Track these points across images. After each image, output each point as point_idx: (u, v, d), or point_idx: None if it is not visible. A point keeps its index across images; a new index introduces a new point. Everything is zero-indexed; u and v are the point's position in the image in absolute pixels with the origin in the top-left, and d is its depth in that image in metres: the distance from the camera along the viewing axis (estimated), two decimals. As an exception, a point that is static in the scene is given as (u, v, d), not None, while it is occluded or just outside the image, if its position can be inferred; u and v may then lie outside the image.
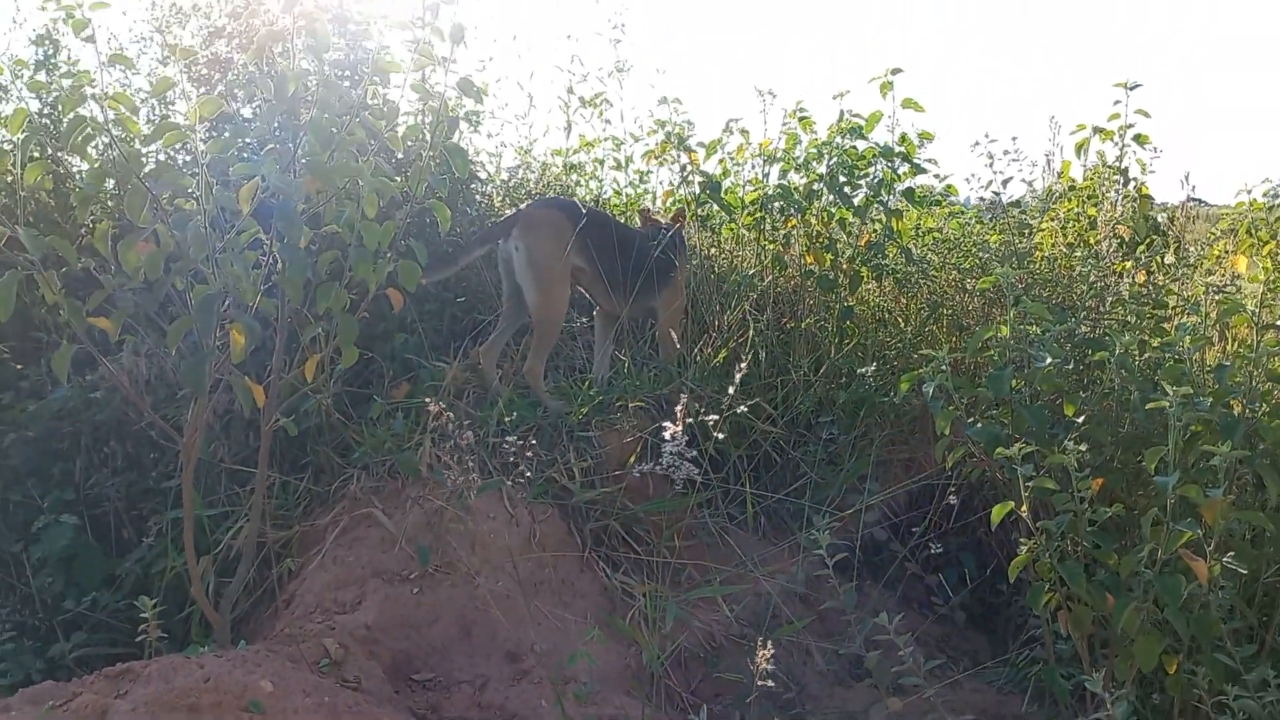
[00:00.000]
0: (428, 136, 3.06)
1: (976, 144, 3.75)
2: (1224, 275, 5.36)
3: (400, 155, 3.56)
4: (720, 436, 2.50)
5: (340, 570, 3.37)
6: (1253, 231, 5.90)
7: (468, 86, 3.10)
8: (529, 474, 3.06)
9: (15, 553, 3.90)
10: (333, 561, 3.42)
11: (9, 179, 4.04)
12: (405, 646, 3.15)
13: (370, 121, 2.72)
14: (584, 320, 4.60)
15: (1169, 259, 4.84)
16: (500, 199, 5.27)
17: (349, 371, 4.03)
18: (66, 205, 4.77)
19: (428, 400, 2.75)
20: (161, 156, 3.61)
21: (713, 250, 4.81)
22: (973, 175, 3.85)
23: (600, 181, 5.41)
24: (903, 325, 4.31)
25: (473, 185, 4.84)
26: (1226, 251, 5.70)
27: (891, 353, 4.17)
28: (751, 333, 4.08)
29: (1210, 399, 2.73)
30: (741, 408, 2.60)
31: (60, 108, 4.48)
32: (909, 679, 2.89)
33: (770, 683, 2.31)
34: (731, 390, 2.47)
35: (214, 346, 2.34)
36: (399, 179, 3.04)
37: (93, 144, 2.61)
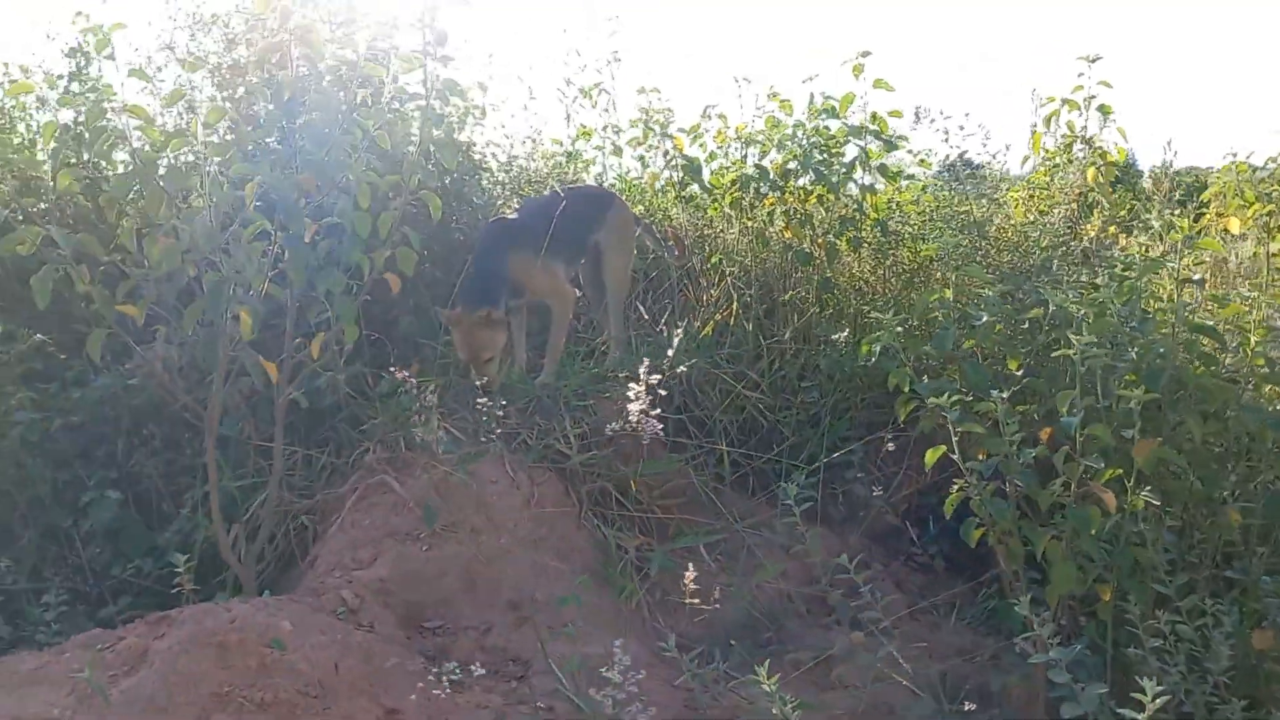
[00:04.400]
0: (415, 133, 3.36)
1: (933, 120, 3.99)
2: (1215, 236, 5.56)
3: (387, 149, 3.85)
4: (663, 394, 2.76)
5: (357, 532, 3.70)
6: (1240, 193, 6.08)
7: (452, 86, 3.40)
8: (496, 433, 3.33)
9: (66, 528, 4.26)
10: (350, 525, 3.75)
11: (47, 183, 4.38)
12: (416, 598, 3.47)
13: (361, 121, 3.02)
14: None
15: (1155, 222, 5.04)
16: (504, 188, 5.56)
17: (367, 353, 4.38)
18: (101, 207, 5.13)
19: (392, 369, 3.05)
20: (191, 159, 3.95)
21: (707, 230, 5.08)
22: (929, 150, 4.09)
23: (601, 168, 5.68)
24: (882, 294, 4.55)
25: (476, 176, 5.13)
26: (1218, 215, 5.89)
27: (870, 320, 4.41)
28: (736, 306, 4.35)
29: (1137, 349, 2.98)
30: (681, 367, 2.87)
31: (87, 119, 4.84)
32: (871, 615, 3.17)
33: (696, 601, 2.58)
34: (670, 352, 2.74)
35: (225, 327, 2.65)
36: (395, 175, 3.33)
37: (117, 150, 2.94)
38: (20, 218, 2.65)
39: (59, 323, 4.97)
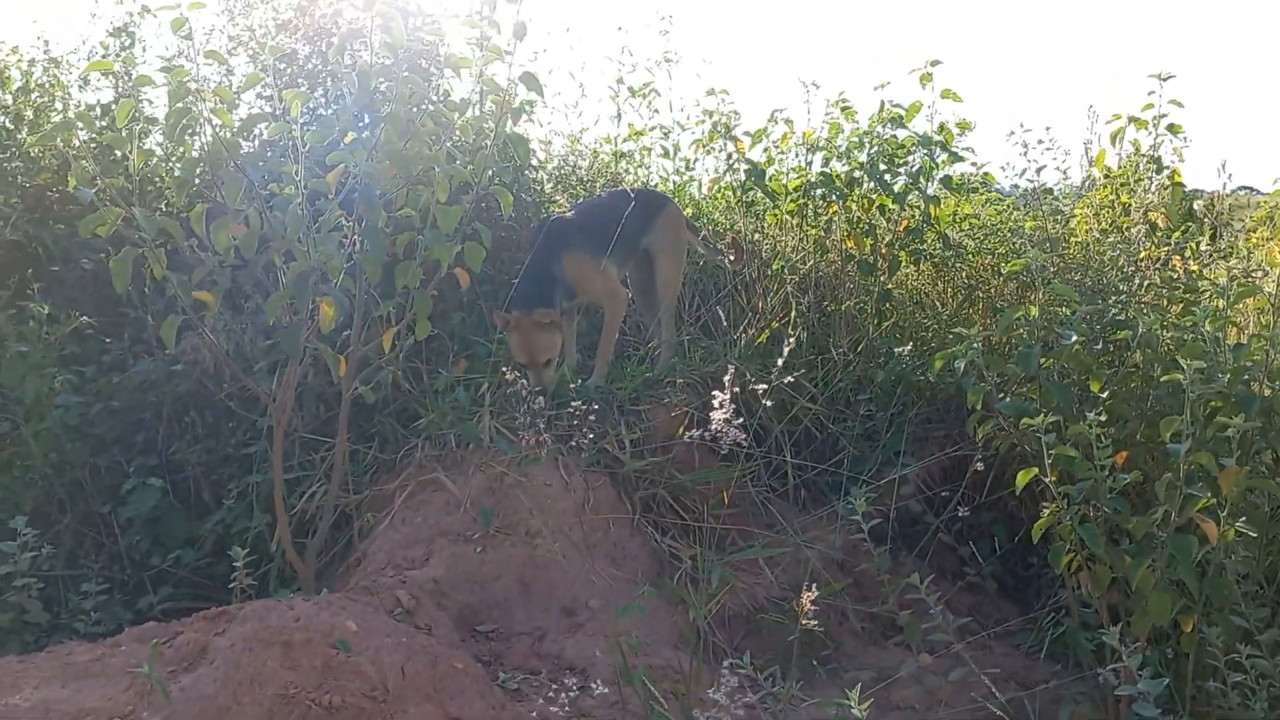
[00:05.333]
0: (491, 126, 3.29)
1: (1012, 133, 3.93)
2: (1262, 260, 5.50)
3: (465, 142, 3.77)
4: (769, 404, 2.69)
5: (409, 530, 3.63)
6: (1291, 219, 6.01)
7: (530, 80, 3.33)
8: (588, 438, 3.28)
9: (104, 514, 4.19)
10: (402, 522, 3.67)
11: (126, 163, 4.30)
12: (470, 600, 3.40)
13: (443, 113, 2.95)
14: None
15: (1204, 245, 4.97)
16: (552, 186, 5.49)
17: (412, 347, 4.31)
18: (141, 189, 5.05)
19: (504, 369, 2.98)
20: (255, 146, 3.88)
21: (757, 235, 5.02)
22: (1008, 164, 4.02)
23: (648, 169, 5.61)
24: (939, 307, 4.48)
25: (526, 172, 5.06)
26: (1265, 239, 5.81)
27: (928, 334, 4.35)
28: (794, 314, 4.28)
29: (1229, 376, 2.90)
30: (788, 378, 2.81)
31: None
32: (938, 636, 3.09)
33: (814, 622, 2.51)
34: (780, 362, 2.68)
35: (307, 318, 2.58)
36: (467, 166, 3.26)
37: (189, 133, 2.87)
38: (101, 198, 2.57)
39: (97, 305, 4.90)
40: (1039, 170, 4.02)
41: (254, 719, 2.48)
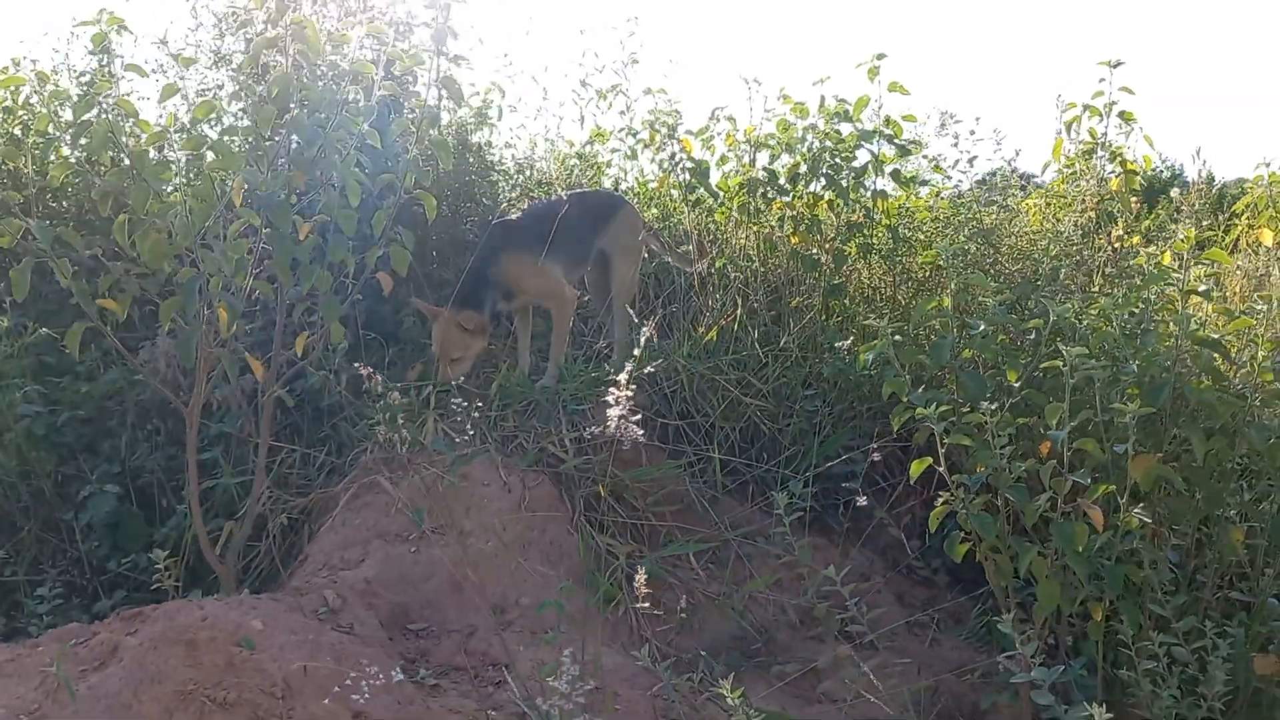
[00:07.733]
0: (413, 131, 3.34)
1: (943, 125, 3.90)
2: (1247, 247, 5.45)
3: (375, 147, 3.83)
4: (631, 390, 2.71)
5: (348, 532, 3.69)
6: (1273, 205, 5.93)
7: (449, 84, 3.38)
8: (496, 435, 3.31)
9: (67, 520, 4.29)
10: (342, 524, 3.74)
11: (9, 170, 4.35)
12: (402, 600, 3.44)
13: (351, 119, 3.00)
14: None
15: (1181, 234, 4.92)
16: (519, 191, 5.53)
17: (373, 354, 4.37)
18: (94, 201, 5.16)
19: (413, 367, 3.03)
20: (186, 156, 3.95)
21: (714, 234, 5.02)
22: (939, 155, 3.99)
23: (616, 170, 5.64)
24: (891, 302, 4.47)
25: (488, 176, 5.10)
26: (1249, 226, 5.74)
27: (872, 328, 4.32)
28: (740, 311, 4.28)
29: (1138, 363, 2.89)
30: (649, 368, 2.83)
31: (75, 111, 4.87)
32: (855, 628, 3.10)
33: (646, 605, 2.54)
34: (637, 353, 2.70)
35: (200, 323, 2.64)
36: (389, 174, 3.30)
37: (108, 145, 2.94)
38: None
39: (71, 319, 5.00)
40: (971, 160, 4.00)
41: (153, 715, 2.54)
